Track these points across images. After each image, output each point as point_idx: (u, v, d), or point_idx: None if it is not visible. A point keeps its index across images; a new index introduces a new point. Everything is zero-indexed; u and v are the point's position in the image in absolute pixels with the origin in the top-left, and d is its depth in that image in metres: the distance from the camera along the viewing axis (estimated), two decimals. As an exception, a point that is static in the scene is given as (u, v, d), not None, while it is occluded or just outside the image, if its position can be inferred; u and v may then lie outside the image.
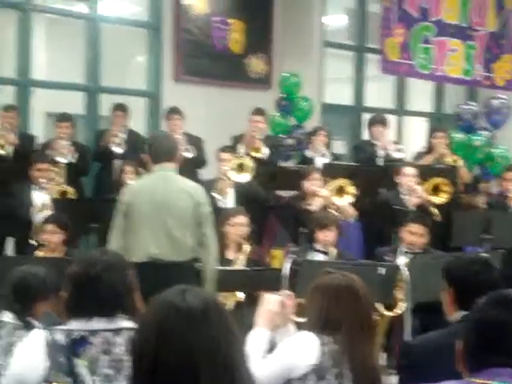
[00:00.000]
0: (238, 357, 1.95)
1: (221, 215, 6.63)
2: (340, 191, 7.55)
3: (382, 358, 6.37)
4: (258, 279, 5.93)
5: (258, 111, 9.03)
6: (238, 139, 8.83)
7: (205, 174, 8.66)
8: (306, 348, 3.14)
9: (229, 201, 7.65)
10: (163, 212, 5.18)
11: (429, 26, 10.63)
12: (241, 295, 5.94)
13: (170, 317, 1.93)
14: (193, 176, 8.38)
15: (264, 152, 8.72)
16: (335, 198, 7.48)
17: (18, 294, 3.66)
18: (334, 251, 6.46)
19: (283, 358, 3.18)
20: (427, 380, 2.07)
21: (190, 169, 8.43)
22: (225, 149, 8.11)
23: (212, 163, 8.51)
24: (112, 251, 2.99)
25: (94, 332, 2.79)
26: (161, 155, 5.32)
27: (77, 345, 2.72)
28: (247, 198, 7.63)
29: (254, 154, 8.63)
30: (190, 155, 8.46)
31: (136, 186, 5.52)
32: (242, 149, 8.65)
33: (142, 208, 5.24)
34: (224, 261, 6.35)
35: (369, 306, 3.27)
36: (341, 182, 7.55)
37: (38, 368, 2.73)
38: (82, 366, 2.71)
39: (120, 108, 8.79)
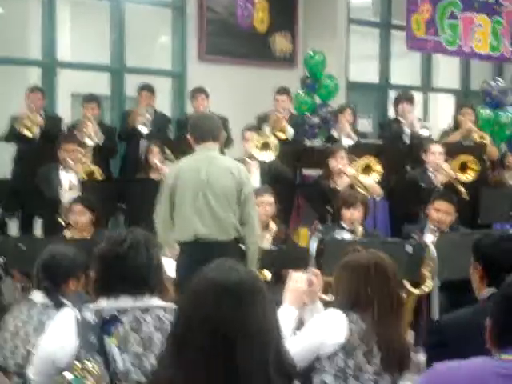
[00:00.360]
0: (274, 335, 1.96)
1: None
2: (366, 169, 7.52)
3: (410, 336, 6.38)
4: (285, 258, 5.94)
5: (283, 90, 9.00)
6: (262, 119, 8.81)
7: (229, 153, 8.65)
8: (334, 326, 3.15)
9: (254, 180, 7.64)
10: (207, 191, 5.22)
11: (455, 2, 10.53)
12: (268, 274, 5.95)
13: (207, 293, 1.95)
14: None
15: (289, 132, 8.70)
16: (362, 176, 7.45)
17: (48, 273, 3.68)
18: (360, 229, 6.45)
19: (312, 336, 3.19)
20: (457, 357, 2.07)
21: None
22: (250, 128, 8.10)
23: (237, 143, 8.51)
24: (138, 230, 3.00)
25: (123, 310, 2.81)
26: (204, 135, 5.35)
27: (107, 324, 2.74)
28: (272, 177, 7.62)
29: (279, 134, 8.61)
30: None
31: (180, 167, 5.53)
32: (267, 128, 8.63)
33: (186, 188, 5.28)
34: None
35: (398, 285, 3.28)
36: (367, 160, 7.52)
37: (69, 347, 2.75)
38: (112, 344, 2.73)
39: (146, 88, 8.80)
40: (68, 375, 2.49)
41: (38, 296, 3.68)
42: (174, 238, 5.34)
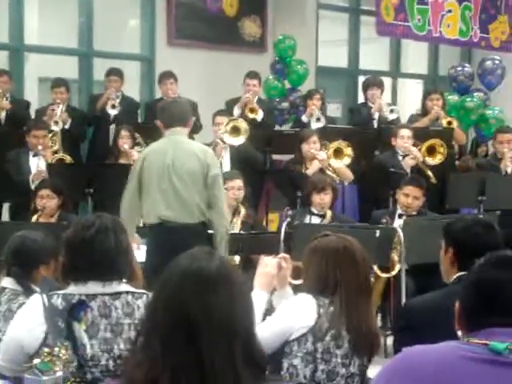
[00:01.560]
0: (243, 325, 1.94)
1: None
2: (338, 153, 7.54)
3: (378, 320, 6.43)
4: (255, 243, 5.95)
5: (254, 74, 8.99)
6: (232, 103, 8.79)
7: (199, 138, 8.62)
8: (303, 310, 3.16)
9: (225, 164, 7.64)
10: (172, 174, 5.25)
11: (424, -13, 10.55)
12: (237, 258, 5.95)
13: (172, 278, 1.95)
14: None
15: (259, 113, 8.69)
16: (333, 161, 7.47)
17: (18, 259, 3.65)
18: (329, 214, 6.47)
19: (282, 320, 3.20)
20: (424, 341, 2.08)
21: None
22: (220, 112, 8.07)
23: (206, 127, 8.48)
24: (106, 215, 2.98)
25: (92, 296, 2.80)
26: (173, 121, 5.38)
27: (76, 309, 2.73)
28: (242, 161, 7.61)
29: (249, 114, 8.61)
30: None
31: (147, 151, 5.59)
32: (237, 110, 8.63)
33: (152, 171, 5.32)
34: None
35: (366, 269, 3.30)
36: (338, 144, 7.54)
37: (37, 332, 2.75)
38: (80, 329, 2.72)
39: (114, 72, 8.74)
40: (36, 360, 2.48)
41: (7, 282, 3.64)
42: (143, 221, 5.35)
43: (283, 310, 3.25)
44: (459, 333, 2.09)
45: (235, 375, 1.87)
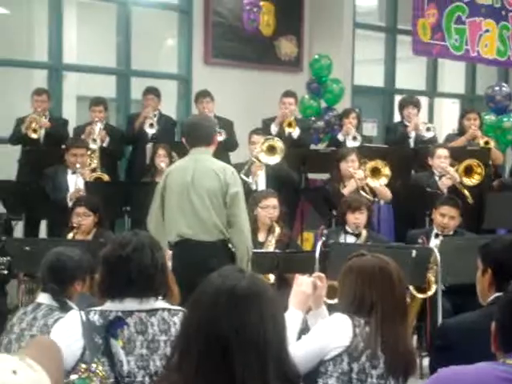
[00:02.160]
0: (275, 343, 1.93)
1: (252, 198, 6.64)
2: (375, 172, 7.51)
3: (414, 340, 6.37)
4: (290, 261, 5.94)
5: (290, 93, 9.00)
6: (270, 122, 8.81)
7: (235, 157, 8.65)
8: (339, 329, 3.14)
9: (260, 183, 7.65)
10: (191, 192, 5.27)
11: (461, 7, 10.52)
12: (272, 277, 5.95)
13: (204, 296, 1.95)
14: (224, 159, 8.41)
15: (296, 129, 8.71)
16: (370, 180, 7.45)
17: (54, 275, 3.69)
18: (364, 233, 6.45)
19: (317, 340, 3.19)
20: (461, 362, 2.06)
21: (221, 152, 8.45)
22: (256, 131, 8.10)
23: (242, 146, 8.51)
24: (143, 232, 3.01)
25: (128, 313, 2.82)
26: (197, 140, 5.41)
27: (113, 325, 2.75)
28: (278, 180, 7.62)
29: (287, 129, 8.62)
30: (221, 138, 8.46)
31: (170, 169, 5.65)
32: (274, 128, 8.64)
33: (173, 189, 5.35)
34: (256, 243, 6.38)
35: (402, 289, 3.28)
36: (376, 163, 7.52)
37: (75, 348, 2.77)
38: (117, 346, 2.74)
39: (152, 91, 8.81)
40: (73, 376, 2.50)
41: (43, 298, 3.68)
42: (166, 239, 5.41)
43: (318, 329, 3.24)
44: (497, 354, 2.07)
45: None
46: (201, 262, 5.02)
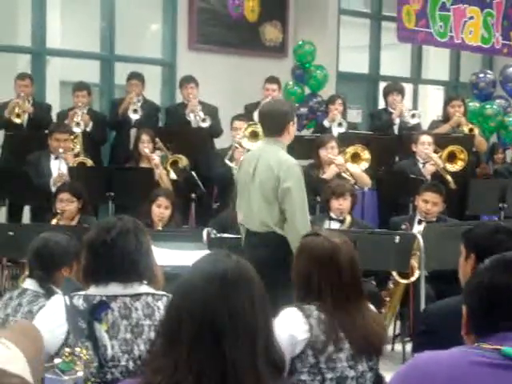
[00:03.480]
0: (263, 326, 1.94)
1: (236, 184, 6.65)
2: (355, 158, 7.54)
3: (397, 326, 6.42)
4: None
5: (273, 79, 9.00)
6: (252, 107, 8.79)
7: (219, 142, 8.65)
8: (292, 326, 3.06)
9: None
10: (249, 184, 5.31)
11: (446, -6, 10.53)
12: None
13: (194, 282, 1.95)
14: (209, 145, 8.42)
15: None
16: (350, 165, 7.47)
17: (41, 261, 3.66)
18: (348, 219, 6.47)
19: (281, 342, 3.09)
20: (444, 346, 2.08)
21: (206, 138, 8.45)
22: (238, 117, 8.09)
23: (226, 132, 8.51)
24: (127, 217, 2.99)
25: (112, 297, 2.82)
26: (267, 130, 5.40)
27: (97, 310, 2.75)
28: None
29: None
30: (206, 125, 8.45)
31: (243, 157, 5.73)
32: (256, 115, 8.63)
33: (239, 179, 5.50)
34: (240, 229, 6.38)
35: (354, 272, 3.16)
36: (355, 148, 7.55)
37: (59, 332, 2.77)
38: (101, 330, 2.74)
39: (135, 77, 8.78)
40: (57, 360, 2.50)
41: (30, 284, 3.66)
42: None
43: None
44: (465, 337, 2.09)
45: (256, 375, 1.87)
46: (250, 250, 5.10)
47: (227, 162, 7.63)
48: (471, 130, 8.88)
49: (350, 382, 3.09)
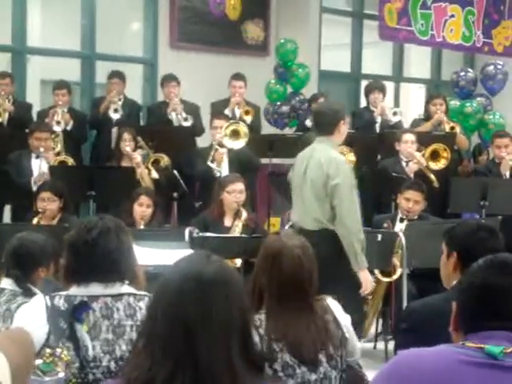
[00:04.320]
0: (239, 326, 1.94)
1: (218, 182, 6.64)
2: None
3: (379, 324, 6.43)
4: (257, 246, 5.93)
5: (238, 76, 8.98)
6: (220, 104, 8.76)
7: (199, 141, 8.62)
8: None
9: (223, 168, 7.64)
10: (302, 182, 5.43)
11: (427, -8, 10.56)
12: (238, 262, 5.95)
13: (170, 281, 1.95)
14: (191, 144, 8.39)
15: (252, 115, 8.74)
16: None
17: (18, 261, 3.66)
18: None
19: None
20: (426, 344, 2.08)
21: (187, 137, 8.43)
22: (218, 116, 8.06)
23: (208, 131, 8.48)
24: (109, 217, 2.98)
25: (94, 297, 2.81)
26: (319, 129, 5.52)
27: (78, 310, 2.73)
28: (240, 164, 7.61)
29: (245, 117, 8.62)
30: (188, 123, 8.43)
31: (297, 156, 5.73)
32: (228, 113, 8.62)
33: (293, 178, 5.59)
34: (222, 228, 6.38)
35: (296, 274, 3.01)
36: (341, 149, 7.53)
37: (39, 333, 2.74)
38: (82, 330, 2.73)
39: (116, 75, 8.74)
40: (38, 361, 2.48)
41: (6, 283, 3.65)
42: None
43: None
44: (453, 334, 2.09)
45: (232, 376, 1.87)
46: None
47: (210, 164, 7.60)
48: (452, 128, 8.91)
49: None
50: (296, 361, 2.96)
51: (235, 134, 7.65)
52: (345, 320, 3.13)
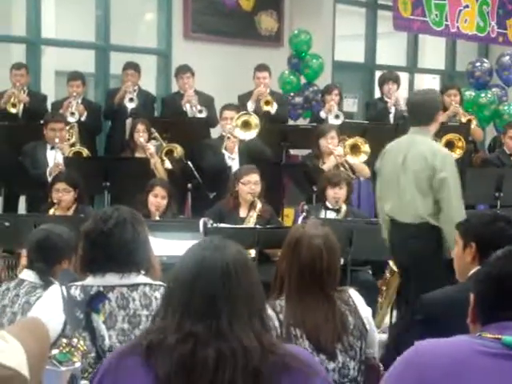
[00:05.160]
0: (260, 302, 2.00)
1: (233, 173, 6.65)
2: (355, 149, 7.53)
3: (394, 315, 6.42)
4: (271, 237, 5.95)
5: (262, 67, 8.93)
6: (245, 97, 8.75)
7: (214, 132, 8.62)
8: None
9: (235, 158, 7.64)
10: (400, 174, 5.24)
11: (441, -18, 10.52)
12: (253, 253, 5.96)
13: (192, 268, 1.97)
14: (205, 135, 8.39)
15: (274, 106, 8.67)
16: (349, 157, 7.47)
17: (43, 254, 3.60)
18: (344, 208, 6.47)
19: None
20: (441, 335, 2.08)
21: (202, 128, 8.42)
22: (228, 107, 8.03)
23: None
24: (124, 207, 2.99)
25: (110, 287, 2.82)
26: (416, 120, 5.35)
27: (94, 300, 2.75)
28: (250, 155, 7.60)
29: (265, 107, 8.59)
30: (202, 115, 8.43)
31: (385, 149, 5.55)
32: (250, 105, 8.60)
33: (385, 170, 5.40)
34: (237, 219, 6.38)
35: (314, 266, 3.07)
36: (355, 140, 7.53)
37: (55, 323, 2.76)
38: (99, 320, 2.74)
39: (131, 66, 8.74)
40: (54, 351, 2.49)
41: (27, 275, 3.62)
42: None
43: None
44: (470, 326, 2.09)
45: (254, 332, 1.92)
46: (400, 242, 5.12)
47: (224, 151, 7.60)
48: (469, 120, 8.87)
49: (331, 374, 3.02)
50: (314, 348, 3.00)
51: (246, 125, 7.64)
52: (366, 312, 3.17)
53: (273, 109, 8.66)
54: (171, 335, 1.91)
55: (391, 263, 6.03)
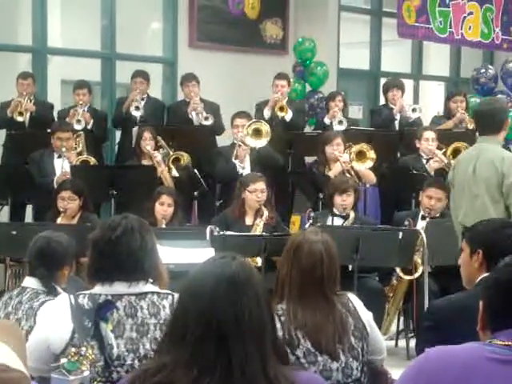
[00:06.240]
0: (269, 325, 1.97)
1: (239, 181, 6.65)
2: (360, 156, 7.53)
3: (401, 322, 6.42)
4: (277, 244, 5.94)
5: (281, 76, 8.91)
6: (263, 105, 8.74)
7: (219, 140, 8.63)
8: None
9: (246, 167, 7.65)
10: (471, 183, 5.23)
11: (445, -11, 10.53)
12: (259, 261, 5.96)
13: (203, 285, 1.96)
14: (211, 143, 8.41)
15: (289, 113, 8.66)
16: (355, 164, 7.47)
17: (44, 261, 3.66)
18: (352, 215, 6.47)
19: None
20: (449, 342, 2.08)
21: (208, 136, 8.44)
22: (239, 114, 8.04)
23: (228, 130, 8.49)
24: (132, 216, 2.99)
25: (118, 296, 2.82)
26: (484, 128, 5.33)
27: (102, 309, 2.75)
28: (262, 162, 7.61)
29: (279, 113, 8.58)
30: (208, 123, 8.44)
31: (457, 159, 5.60)
32: (267, 112, 8.59)
33: (457, 181, 5.38)
34: (243, 226, 6.39)
35: (315, 269, 3.12)
36: (361, 147, 7.54)
37: (63, 332, 2.76)
38: (107, 329, 2.74)
39: (140, 75, 8.74)
40: (63, 360, 2.50)
41: (30, 282, 3.66)
42: None
43: None
44: (480, 334, 2.09)
45: (266, 375, 1.89)
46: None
47: (234, 160, 7.60)
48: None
49: (335, 374, 3.06)
50: (316, 349, 3.04)
51: (257, 133, 7.65)
52: (366, 315, 3.20)
53: (288, 115, 8.65)
54: (179, 375, 1.89)
55: (398, 270, 6.03)
